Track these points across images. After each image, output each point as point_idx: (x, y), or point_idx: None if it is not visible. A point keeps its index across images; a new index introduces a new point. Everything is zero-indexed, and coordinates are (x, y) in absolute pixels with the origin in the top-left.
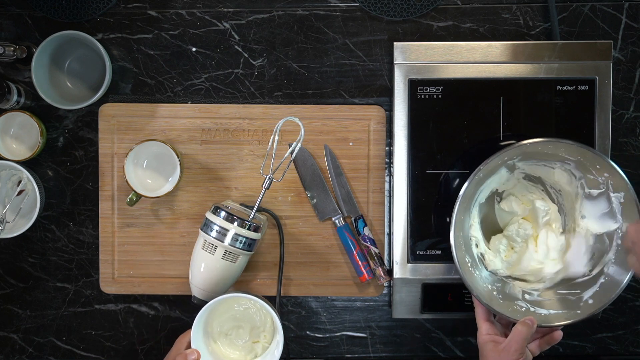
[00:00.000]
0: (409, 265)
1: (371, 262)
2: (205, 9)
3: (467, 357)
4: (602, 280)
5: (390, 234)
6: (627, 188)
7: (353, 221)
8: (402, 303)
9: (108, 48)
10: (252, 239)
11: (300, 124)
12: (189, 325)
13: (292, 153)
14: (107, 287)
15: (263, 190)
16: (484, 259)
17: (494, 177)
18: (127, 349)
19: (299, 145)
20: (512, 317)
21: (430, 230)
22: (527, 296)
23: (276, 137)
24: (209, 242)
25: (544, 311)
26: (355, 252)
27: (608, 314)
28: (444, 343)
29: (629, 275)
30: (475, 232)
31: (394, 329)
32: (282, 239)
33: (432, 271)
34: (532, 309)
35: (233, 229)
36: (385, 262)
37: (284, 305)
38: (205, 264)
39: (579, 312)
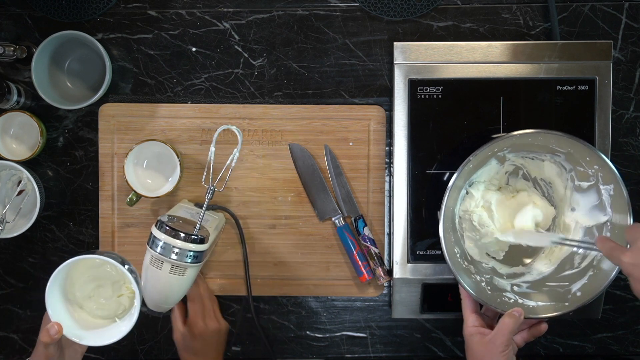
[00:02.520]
0: (409, 265)
1: (371, 262)
2: (205, 9)
3: None
4: (590, 273)
5: (390, 234)
6: (616, 180)
7: (353, 221)
8: (402, 303)
9: (108, 48)
10: (198, 252)
11: (237, 132)
12: None
13: (232, 161)
14: None
15: (207, 200)
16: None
17: (484, 169)
18: (127, 349)
19: (238, 153)
20: (500, 308)
21: (431, 230)
22: (515, 288)
23: (213, 148)
24: (155, 258)
25: (532, 303)
26: (355, 252)
27: (608, 314)
28: (444, 343)
29: (617, 268)
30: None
31: (394, 329)
32: (242, 239)
33: (432, 271)
34: (520, 301)
35: (178, 244)
36: (385, 262)
37: (283, 305)
38: (154, 280)
39: (567, 304)
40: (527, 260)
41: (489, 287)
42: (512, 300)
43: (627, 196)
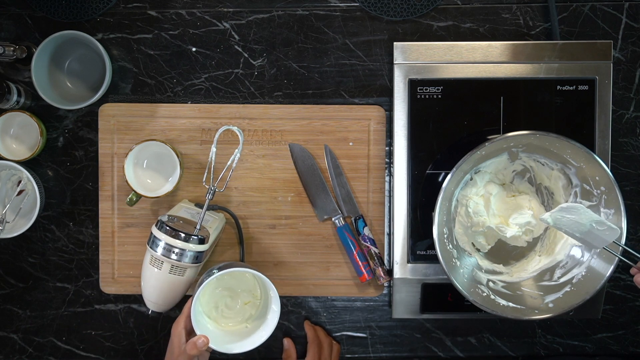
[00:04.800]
0: (409, 265)
1: (371, 262)
2: (205, 9)
3: (467, 357)
4: (567, 289)
5: (390, 234)
6: (619, 206)
7: (353, 221)
8: (402, 303)
9: (108, 48)
10: (199, 252)
11: (239, 133)
12: None
13: (233, 162)
14: (107, 287)
15: (207, 201)
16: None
17: (494, 160)
18: (127, 349)
19: (239, 154)
20: (472, 298)
21: (430, 230)
22: (491, 284)
23: (214, 149)
24: (155, 258)
25: (503, 302)
26: (355, 252)
27: (608, 314)
28: (444, 343)
29: (593, 292)
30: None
31: (394, 329)
32: (241, 239)
33: (432, 271)
34: (492, 297)
35: (178, 244)
36: (385, 262)
37: (284, 305)
38: (154, 279)
39: (536, 311)
40: (510, 262)
41: (466, 276)
42: (485, 294)
43: (624, 226)
